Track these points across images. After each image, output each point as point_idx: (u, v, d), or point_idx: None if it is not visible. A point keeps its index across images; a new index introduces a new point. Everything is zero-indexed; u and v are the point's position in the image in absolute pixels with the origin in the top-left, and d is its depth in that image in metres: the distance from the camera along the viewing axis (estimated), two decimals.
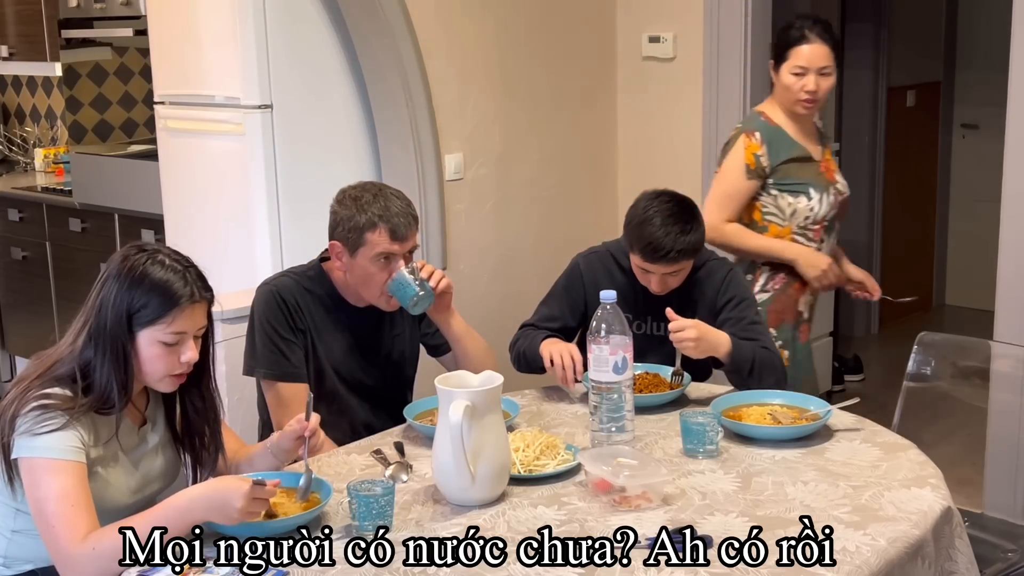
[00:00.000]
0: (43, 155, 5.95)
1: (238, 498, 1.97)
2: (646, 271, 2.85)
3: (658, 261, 2.79)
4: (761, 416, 2.52)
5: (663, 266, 2.80)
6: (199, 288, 2.15)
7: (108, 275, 2.14)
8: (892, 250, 6.17)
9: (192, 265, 2.18)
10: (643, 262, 2.83)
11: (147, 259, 2.13)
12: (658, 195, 2.85)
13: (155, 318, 2.11)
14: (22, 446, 2.04)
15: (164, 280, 2.11)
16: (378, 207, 2.65)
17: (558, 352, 2.76)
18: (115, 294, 2.11)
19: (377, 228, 2.63)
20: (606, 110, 4.49)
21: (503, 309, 3.95)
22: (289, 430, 2.29)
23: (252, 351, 2.73)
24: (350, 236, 2.66)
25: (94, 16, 5.04)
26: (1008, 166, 3.60)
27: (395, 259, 2.65)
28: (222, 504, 1.98)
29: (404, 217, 2.67)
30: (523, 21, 4.15)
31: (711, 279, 2.93)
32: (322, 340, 2.74)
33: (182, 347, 2.15)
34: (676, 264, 2.80)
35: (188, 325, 2.14)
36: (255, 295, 2.76)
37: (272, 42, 3.65)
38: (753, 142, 3.23)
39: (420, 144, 3.84)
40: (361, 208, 2.65)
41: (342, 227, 2.67)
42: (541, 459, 2.31)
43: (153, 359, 2.13)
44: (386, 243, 2.64)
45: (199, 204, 3.95)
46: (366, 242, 2.64)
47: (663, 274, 2.83)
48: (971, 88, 6.41)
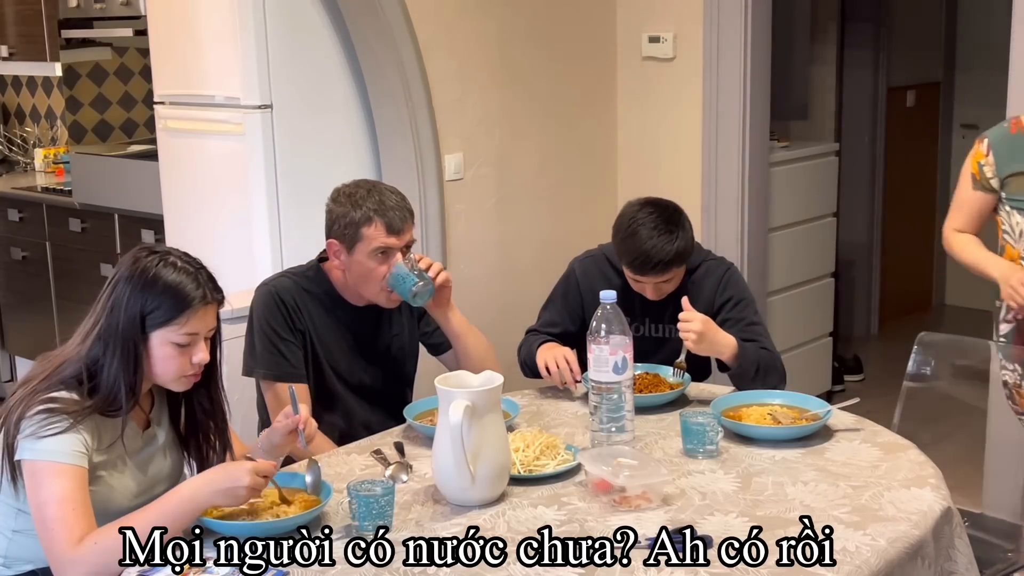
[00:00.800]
0: (43, 155, 5.94)
1: (244, 475, 2.00)
2: (638, 281, 2.86)
3: (648, 273, 2.80)
4: (761, 416, 2.52)
5: (654, 276, 2.82)
6: (211, 290, 2.17)
7: (119, 277, 2.15)
8: (892, 250, 6.17)
9: (203, 267, 2.19)
10: (634, 275, 2.84)
11: (159, 261, 2.14)
12: (642, 206, 2.85)
13: (168, 319, 2.12)
14: (26, 448, 2.05)
15: (177, 282, 2.13)
16: (373, 202, 2.65)
17: (552, 358, 2.77)
18: (128, 296, 2.12)
19: (373, 222, 2.64)
20: (606, 110, 4.49)
21: (503, 309, 3.95)
22: (279, 425, 2.29)
23: (251, 352, 2.73)
24: (347, 233, 2.66)
25: (94, 16, 5.04)
26: None
27: (392, 253, 2.66)
28: (229, 485, 2.00)
29: (399, 211, 2.67)
30: (523, 21, 4.15)
31: (709, 279, 2.94)
32: (321, 340, 2.74)
33: (194, 348, 2.16)
34: (667, 273, 2.81)
35: (200, 326, 2.15)
36: (254, 296, 2.76)
37: (272, 42, 3.65)
38: (980, 149, 2.99)
39: (420, 144, 3.84)
40: (356, 204, 2.66)
41: (338, 224, 2.68)
42: (541, 459, 2.31)
43: (166, 360, 2.14)
44: (383, 237, 2.64)
45: (199, 204, 3.95)
46: (363, 237, 2.64)
47: (656, 283, 2.84)
48: (971, 88, 6.40)
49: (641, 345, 2.85)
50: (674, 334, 2.84)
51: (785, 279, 4.78)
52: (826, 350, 5.16)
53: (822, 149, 5.11)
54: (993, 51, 4.78)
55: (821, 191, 5.04)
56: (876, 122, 6.00)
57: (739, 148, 4.21)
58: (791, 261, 4.80)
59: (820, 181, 5.03)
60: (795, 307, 4.85)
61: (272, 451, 2.33)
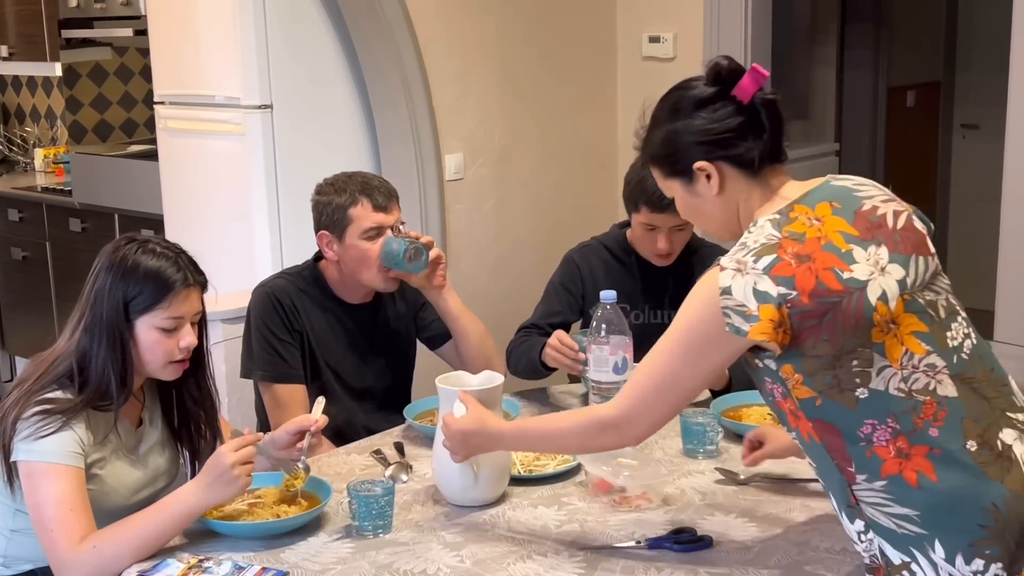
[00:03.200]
0: (43, 155, 5.94)
1: (226, 455, 2.00)
2: (652, 228, 2.82)
3: (665, 210, 2.73)
4: (761, 416, 2.52)
5: (670, 216, 2.75)
6: (192, 272, 2.17)
7: (100, 268, 2.15)
8: None
9: (183, 252, 2.20)
10: (650, 214, 2.79)
11: (138, 248, 2.15)
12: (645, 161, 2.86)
13: (151, 304, 2.12)
14: (22, 450, 2.05)
15: (157, 267, 2.13)
16: (355, 184, 2.70)
17: (551, 353, 2.70)
18: (109, 285, 2.12)
19: (359, 202, 2.67)
20: (606, 110, 4.49)
21: (503, 309, 3.94)
22: (293, 423, 2.28)
23: (249, 353, 2.73)
24: (335, 219, 2.68)
25: (94, 16, 5.04)
26: (1008, 166, 3.60)
27: (383, 232, 2.68)
28: (217, 472, 2.00)
29: (384, 188, 2.72)
30: (523, 21, 4.15)
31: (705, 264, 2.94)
32: (319, 340, 2.74)
33: (180, 332, 2.16)
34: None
35: (185, 310, 2.15)
36: (251, 297, 2.76)
37: (272, 42, 3.65)
38: None
39: (420, 144, 3.84)
40: (339, 190, 2.69)
41: (325, 214, 2.70)
42: (541, 459, 2.31)
43: (152, 346, 2.14)
44: (370, 214, 2.66)
45: (199, 204, 3.95)
46: (352, 219, 2.66)
47: (670, 228, 2.80)
48: (971, 88, 6.40)
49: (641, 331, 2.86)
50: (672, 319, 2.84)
51: None
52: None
53: (822, 149, 5.11)
54: (993, 51, 4.78)
55: None
56: (876, 122, 5.99)
57: None
58: None
59: None
60: None
61: (271, 449, 2.32)
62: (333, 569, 1.93)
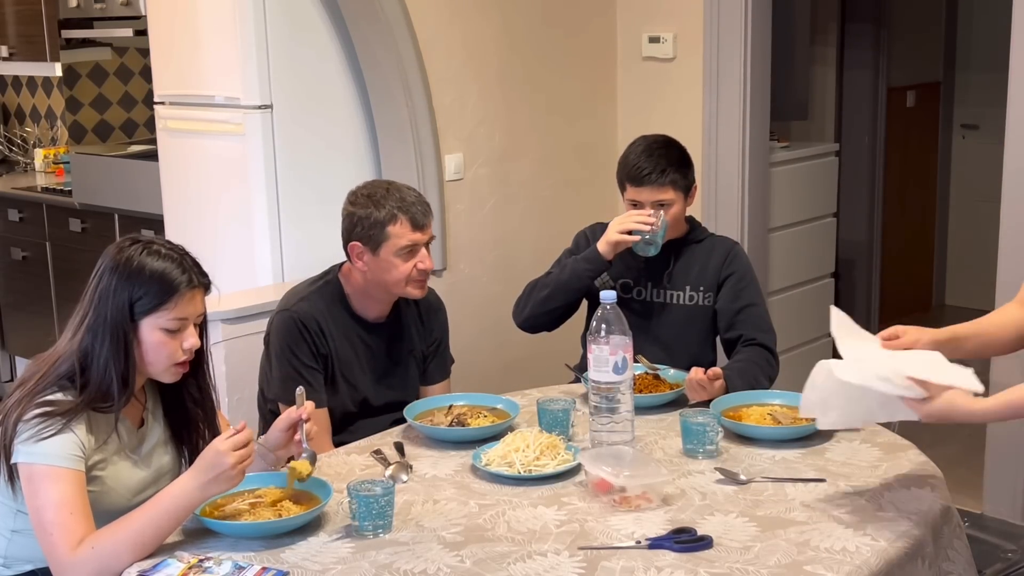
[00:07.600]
0: (43, 155, 5.94)
1: (227, 455, 2.00)
2: (636, 203, 2.92)
3: (643, 183, 2.88)
4: (761, 416, 2.52)
5: (650, 190, 2.88)
6: (196, 274, 2.17)
7: (104, 268, 2.15)
8: (892, 250, 6.16)
9: (187, 253, 2.20)
10: (632, 188, 2.92)
11: (142, 249, 2.15)
12: (646, 135, 3.00)
13: (157, 305, 2.13)
14: (22, 452, 2.05)
15: (163, 268, 2.13)
16: (394, 200, 2.67)
17: (620, 220, 2.87)
18: (115, 285, 2.12)
19: (398, 220, 2.66)
20: (606, 110, 4.49)
21: (503, 309, 3.94)
22: (282, 419, 2.29)
23: (269, 378, 2.72)
24: (371, 234, 2.66)
25: (94, 16, 5.04)
26: (1008, 166, 3.60)
27: (417, 249, 2.67)
28: (215, 472, 2.00)
29: (421, 206, 2.71)
30: (523, 21, 4.15)
31: (715, 251, 3.03)
32: (341, 360, 2.74)
33: (184, 334, 2.16)
34: (661, 188, 2.88)
35: (189, 311, 2.16)
36: (274, 321, 2.75)
37: (272, 42, 3.64)
38: None
39: (420, 144, 3.84)
40: (377, 204, 2.66)
41: (360, 226, 2.67)
42: (541, 459, 2.31)
43: (156, 347, 2.14)
44: (408, 233, 2.66)
45: (199, 204, 3.95)
46: (389, 236, 2.65)
47: (652, 202, 2.89)
48: (971, 88, 6.40)
49: (643, 309, 2.97)
50: (675, 299, 2.97)
51: (785, 279, 4.78)
52: (826, 351, 5.15)
53: (822, 149, 5.11)
54: (993, 51, 4.78)
55: (821, 191, 5.04)
56: (876, 122, 5.99)
57: (739, 148, 4.21)
58: (791, 261, 4.80)
59: (820, 181, 5.03)
60: (795, 307, 4.85)
61: (269, 447, 2.32)
62: (333, 569, 1.93)
